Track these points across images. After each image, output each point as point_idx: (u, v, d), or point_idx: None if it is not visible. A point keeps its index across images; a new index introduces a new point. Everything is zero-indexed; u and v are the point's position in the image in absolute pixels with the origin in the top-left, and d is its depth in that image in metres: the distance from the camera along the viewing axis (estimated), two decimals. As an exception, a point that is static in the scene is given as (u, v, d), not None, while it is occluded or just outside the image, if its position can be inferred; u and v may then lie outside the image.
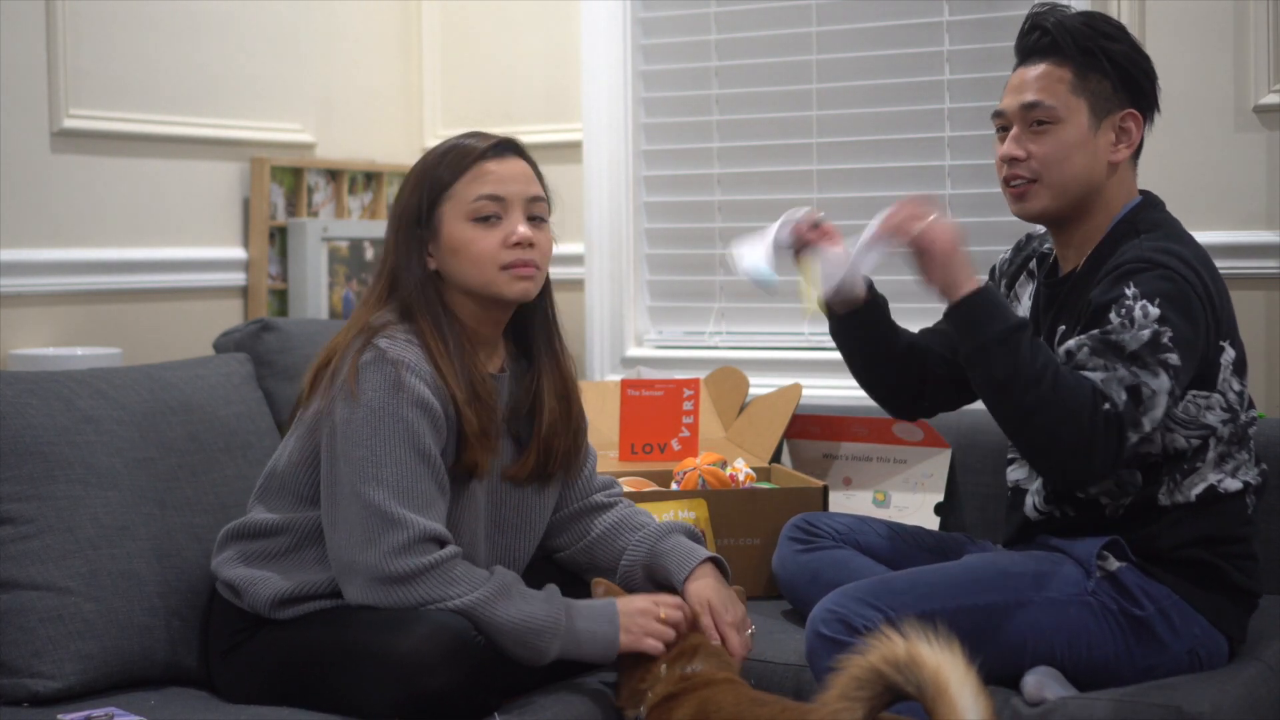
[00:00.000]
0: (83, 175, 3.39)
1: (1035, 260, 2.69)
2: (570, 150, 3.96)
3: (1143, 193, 2.58)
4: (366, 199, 4.08)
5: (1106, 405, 2.27)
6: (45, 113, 3.30)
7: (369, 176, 4.09)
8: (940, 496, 3.18)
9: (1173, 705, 2.24)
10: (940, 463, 3.20)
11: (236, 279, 3.75)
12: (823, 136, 3.74)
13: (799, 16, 3.75)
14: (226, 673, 2.44)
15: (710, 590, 2.42)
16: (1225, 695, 2.29)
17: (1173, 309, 2.33)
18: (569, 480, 2.56)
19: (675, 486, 3.08)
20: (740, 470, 3.11)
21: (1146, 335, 2.30)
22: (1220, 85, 3.19)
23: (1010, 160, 2.53)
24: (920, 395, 2.74)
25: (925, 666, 1.74)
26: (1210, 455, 2.44)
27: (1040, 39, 2.52)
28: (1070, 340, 2.38)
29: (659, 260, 3.98)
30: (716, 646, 2.36)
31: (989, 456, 3.11)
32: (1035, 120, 2.50)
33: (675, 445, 3.29)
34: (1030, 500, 2.55)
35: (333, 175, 3.99)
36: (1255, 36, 3.16)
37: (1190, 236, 2.51)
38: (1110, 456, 2.29)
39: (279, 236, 3.82)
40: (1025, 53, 2.56)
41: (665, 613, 2.33)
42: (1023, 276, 2.70)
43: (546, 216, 2.45)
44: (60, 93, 3.31)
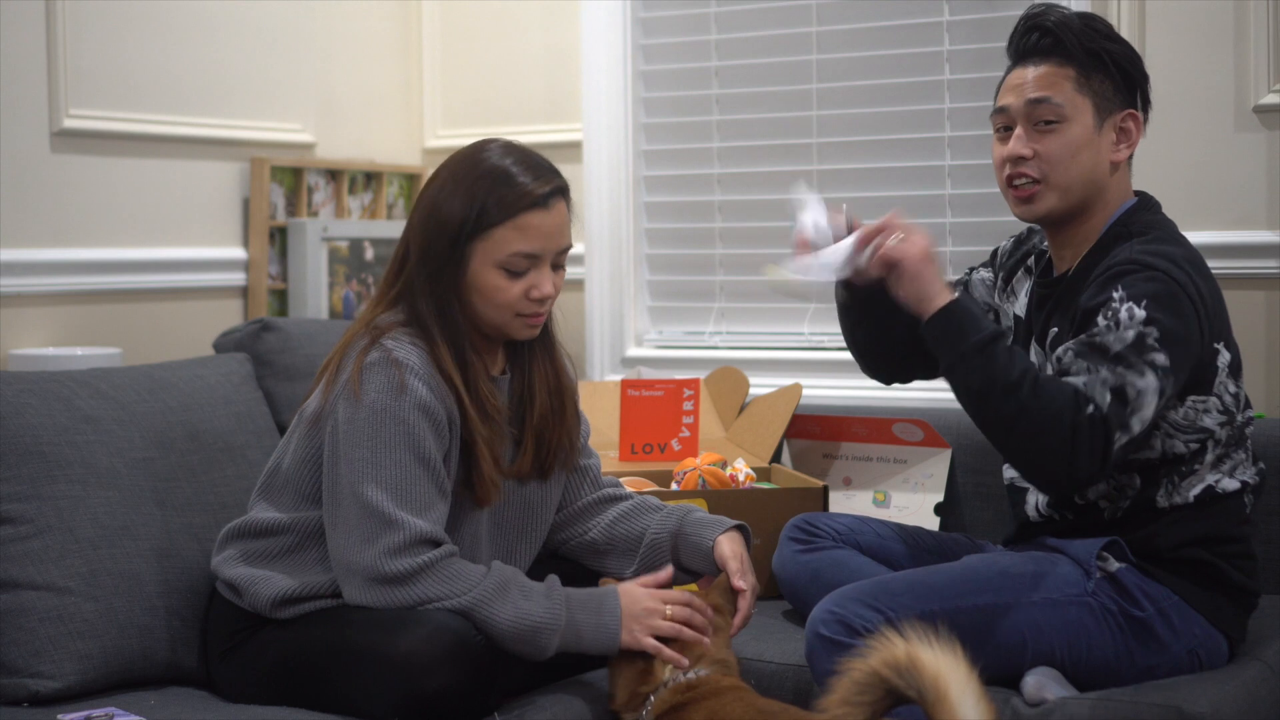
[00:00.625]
0: (83, 175, 3.39)
1: (1034, 257, 2.69)
2: (570, 150, 3.96)
3: (1138, 193, 2.58)
4: (366, 199, 4.09)
5: (1090, 408, 2.25)
6: (45, 113, 3.30)
7: (369, 176, 4.09)
8: (940, 496, 3.18)
9: (1173, 705, 2.24)
10: (940, 463, 3.20)
11: (236, 279, 3.75)
12: (823, 136, 3.74)
13: (799, 16, 3.75)
14: (226, 672, 2.44)
15: (740, 547, 2.46)
16: (1225, 695, 2.29)
17: (1160, 309, 2.32)
18: (570, 473, 2.57)
19: (675, 486, 3.08)
20: (740, 470, 3.11)
21: (1131, 336, 2.29)
22: (1220, 85, 3.19)
23: (1015, 160, 2.51)
24: (902, 361, 2.73)
25: (925, 671, 1.74)
26: (1208, 458, 2.44)
27: (1041, 40, 2.51)
28: (1060, 349, 2.37)
29: (659, 260, 3.98)
30: (723, 654, 2.34)
31: (989, 456, 3.11)
32: (1041, 118, 2.49)
33: (675, 445, 3.29)
34: (1032, 500, 2.55)
35: (333, 175, 3.99)
36: (1255, 36, 3.15)
37: (1184, 238, 2.50)
38: (1095, 460, 2.27)
39: (279, 236, 3.82)
40: (1023, 54, 2.55)
41: (672, 611, 2.30)
42: (1020, 272, 2.70)
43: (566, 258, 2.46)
44: (60, 93, 3.30)
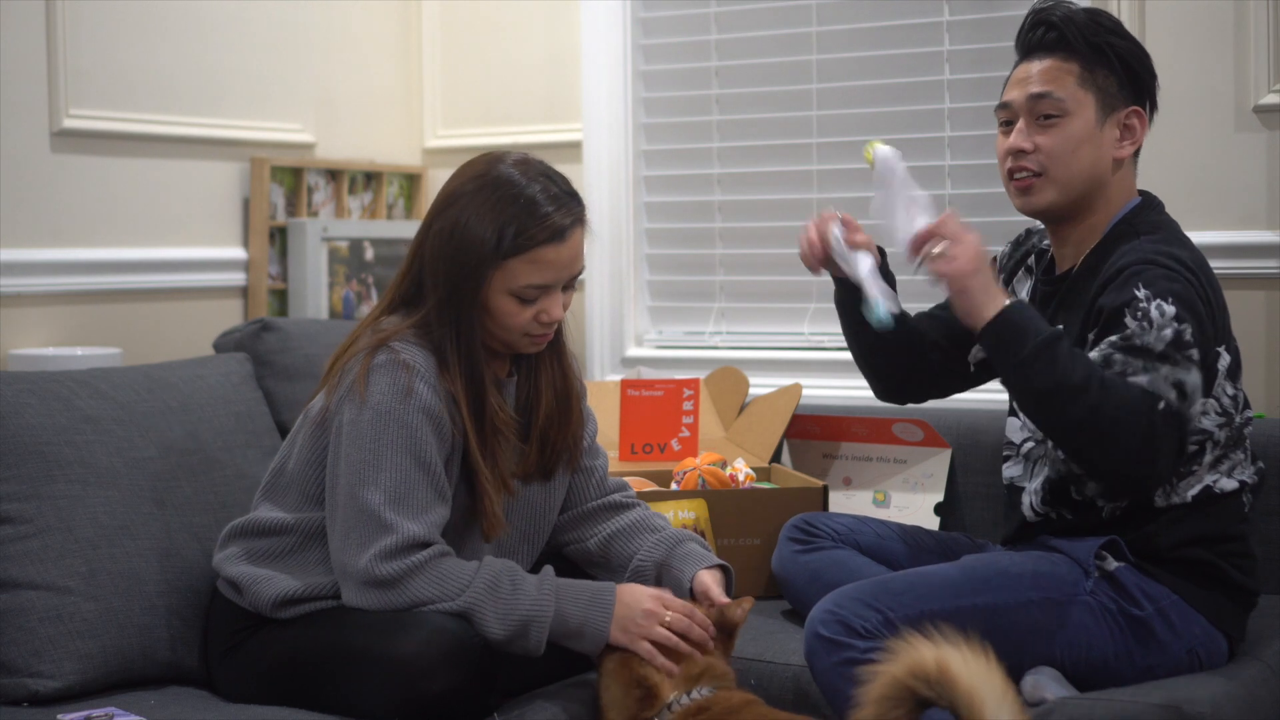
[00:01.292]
0: (83, 175, 3.39)
1: (1034, 256, 2.69)
2: (570, 150, 3.95)
3: (1142, 193, 2.58)
4: (366, 199, 4.09)
5: (1162, 404, 2.24)
6: (45, 113, 3.30)
7: (369, 176, 4.09)
8: (940, 496, 3.18)
9: (1173, 705, 2.23)
10: (940, 463, 3.20)
11: (236, 279, 3.75)
12: (823, 136, 3.74)
13: (799, 16, 3.75)
14: (226, 672, 2.44)
15: (714, 582, 2.42)
16: (1225, 695, 2.29)
17: (1184, 306, 2.32)
18: (575, 475, 2.56)
19: (675, 486, 3.08)
20: (740, 470, 3.10)
21: (1169, 334, 2.29)
22: (1220, 85, 3.19)
23: (1016, 153, 2.52)
24: (911, 381, 2.74)
25: (959, 682, 1.68)
26: (1206, 459, 2.43)
27: (1046, 34, 2.51)
28: (1093, 351, 2.35)
29: (659, 260, 3.98)
30: (723, 668, 2.30)
31: (989, 456, 3.11)
32: (1043, 113, 2.49)
33: (675, 445, 3.29)
34: (1027, 500, 2.55)
35: (333, 175, 3.99)
36: (1255, 36, 3.15)
37: (1189, 240, 2.50)
38: (1173, 455, 2.27)
39: (279, 236, 3.82)
40: (1029, 49, 2.55)
41: (671, 618, 2.27)
42: (1021, 273, 2.70)
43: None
44: (60, 93, 3.30)
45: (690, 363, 3.82)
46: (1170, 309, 2.30)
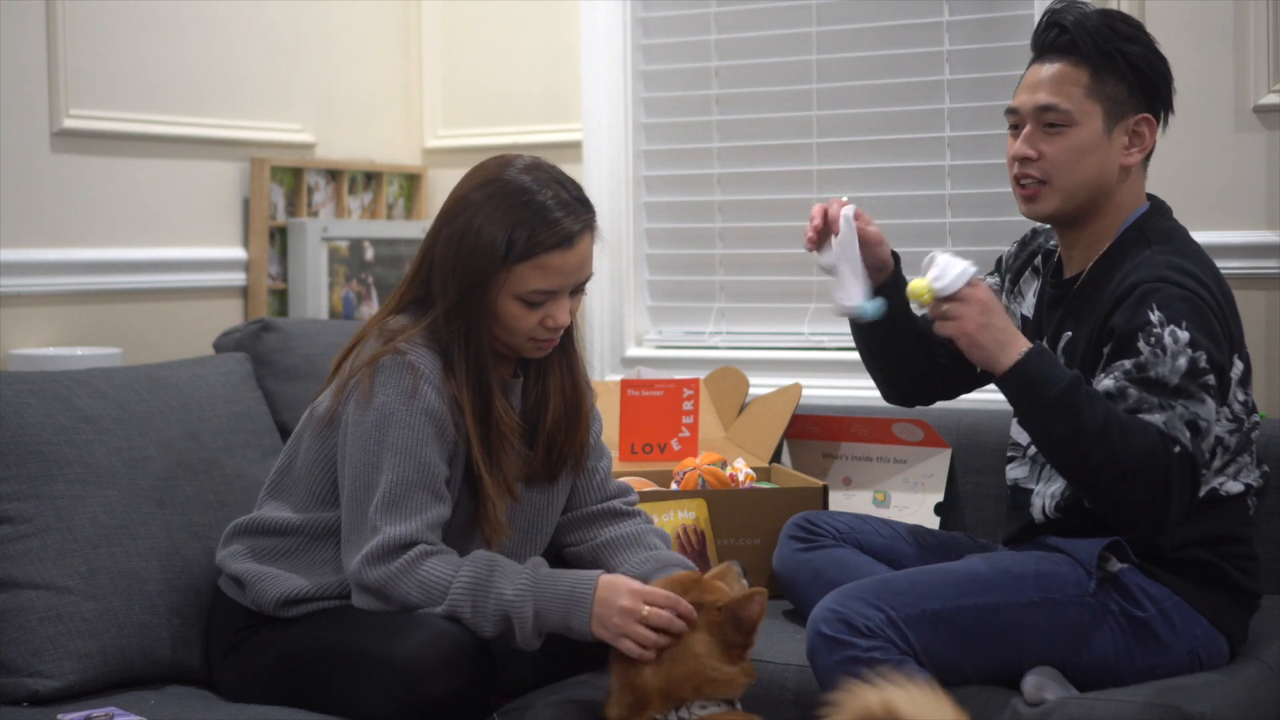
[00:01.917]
0: (83, 175, 3.39)
1: (1040, 257, 2.68)
2: (570, 150, 3.95)
3: (1150, 197, 2.57)
4: (366, 199, 4.08)
5: (1177, 448, 2.24)
6: (45, 113, 3.30)
7: (369, 176, 4.08)
8: (940, 496, 3.18)
9: (1173, 705, 2.23)
10: (940, 463, 3.20)
11: (236, 279, 3.74)
12: (823, 136, 3.74)
13: (799, 16, 3.75)
14: (228, 671, 2.44)
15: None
16: (1225, 695, 2.29)
17: (1199, 329, 2.31)
18: (578, 478, 2.56)
19: (675, 486, 3.08)
20: (740, 470, 3.10)
21: (1184, 364, 2.28)
22: (1220, 85, 3.19)
23: (1021, 160, 2.51)
24: (919, 384, 2.74)
25: (904, 718, 1.65)
26: (1215, 464, 2.43)
27: (1058, 37, 2.49)
28: (1107, 380, 2.33)
29: (659, 260, 3.98)
30: (726, 674, 2.23)
31: (989, 456, 3.11)
32: (1048, 121, 2.48)
33: (675, 445, 3.29)
34: (1039, 504, 2.53)
35: (333, 175, 3.99)
36: (1255, 36, 3.15)
37: (1199, 247, 2.49)
38: (1187, 497, 2.27)
39: (279, 236, 3.82)
40: (1041, 49, 2.53)
41: (649, 611, 2.21)
42: (1027, 273, 2.69)
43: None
44: (60, 93, 3.30)
45: (690, 363, 3.82)
46: (1184, 335, 2.29)
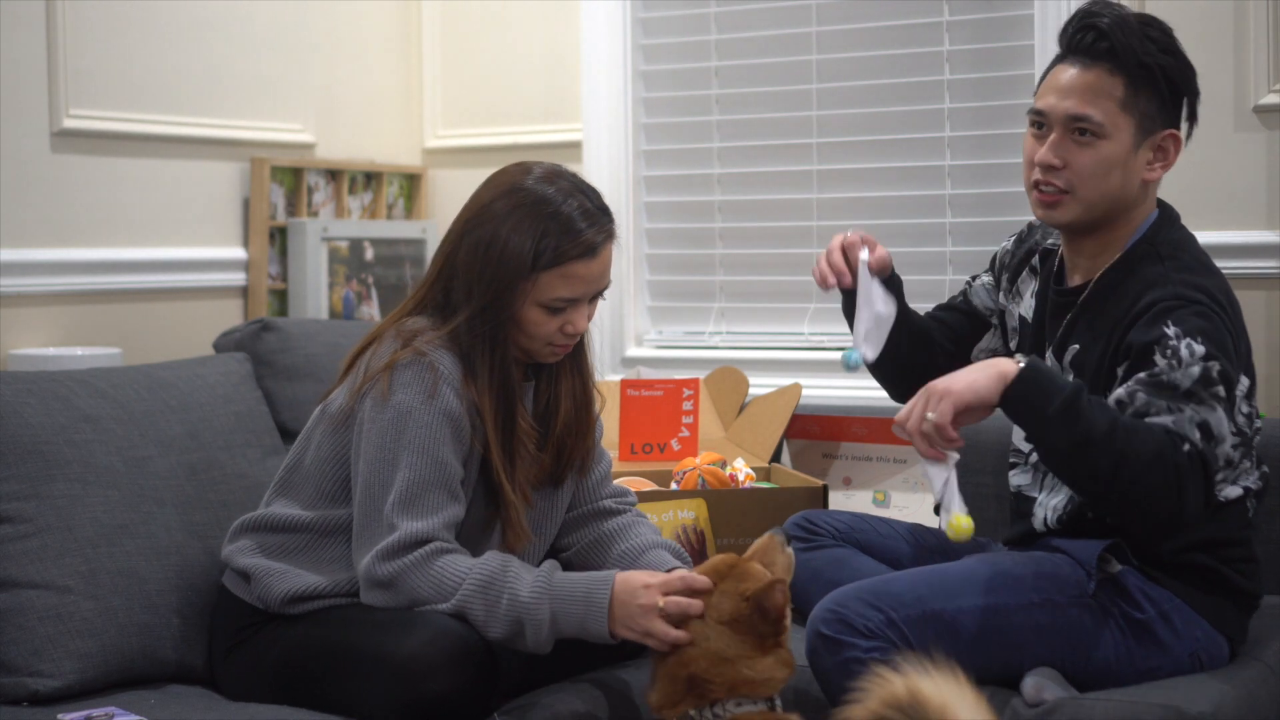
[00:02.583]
0: (83, 175, 3.39)
1: (1039, 256, 2.66)
2: (570, 150, 3.96)
3: (1159, 204, 2.54)
4: (366, 199, 4.09)
5: (1186, 446, 2.22)
6: (45, 113, 3.30)
7: (369, 176, 4.09)
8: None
9: (1172, 705, 2.23)
10: (940, 462, 3.19)
11: (236, 279, 3.75)
12: (823, 136, 3.74)
13: (799, 16, 3.75)
14: (230, 669, 2.44)
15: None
16: (1225, 695, 2.29)
17: (1214, 344, 2.29)
18: (580, 481, 2.56)
19: (675, 486, 3.08)
20: (740, 470, 3.10)
21: (1197, 372, 2.26)
22: (1220, 85, 3.19)
23: (1045, 167, 2.45)
24: (921, 382, 2.73)
25: (930, 704, 1.68)
26: (1219, 476, 2.41)
27: (1096, 42, 2.41)
28: (1119, 389, 2.32)
29: (659, 260, 3.98)
30: (763, 673, 2.18)
31: (989, 456, 3.11)
32: (1079, 130, 2.42)
33: (675, 445, 3.29)
34: (1041, 515, 2.53)
35: (333, 175, 3.99)
36: (1255, 36, 3.15)
37: (1208, 259, 2.48)
38: (1201, 496, 2.24)
39: (279, 236, 3.82)
40: (1073, 51, 2.45)
41: (665, 603, 2.19)
42: (1025, 272, 2.67)
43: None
44: (60, 93, 3.31)
45: (690, 363, 3.82)
46: (1200, 348, 2.28)
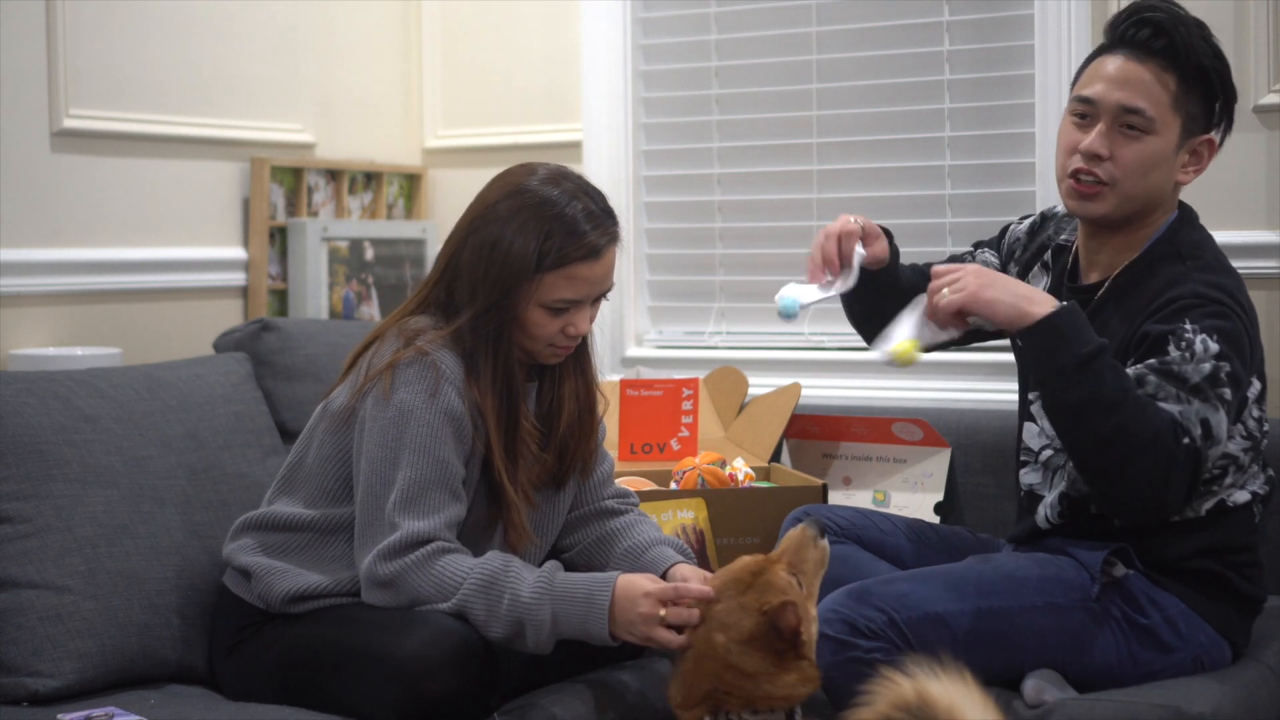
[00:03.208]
0: (83, 175, 3.39)
1: (1051, 252, 2.65)
2: (570, 150, 3.96)
3: (1179, 204, 2.54)
4: (366, 199, 4.09)
5: (1186, 440, 2.23)
6: (45, 113, 3.30)
7: (369, 176, 4.09)
8: (940, 496, 3.18)
9: (1172, 705, 2.23)
10: (940, 462, 3.19)
11: (236, 279, 3.75)
12: (823, 136, 3.74)
13: (799, 16, 3.75)
14: (230, 669, 2.44)
15: (691, 571, 2.39)
16: (1225, 696, 2.29)
17: (1229, 345, 2.30)
18: (582, 483, 2.56)
19: (674, 486, 3.08)
20: (739, 470, 3.10)
21: (1207, 369, 2.27)
22: (1220, 85, 3.19)
23: (1090, 156, 2.43)
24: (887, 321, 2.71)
25: (938, 706, 1.69)
26: (1228, 480, 2.43)
27: (1152, 38, 2.40)
28: (1130, 369, 2.32)
29: (659, 260, 3.98)
30: (780, 688, 2.14)
31: (989, 456, 3.11)
32: (1129, 124, 2.41)
33: (674, 445, 3.29)
34: (1043, 512, 2.53)
35: (333, 175, 3.99)
36: (1255, 36, 3.15)
37: (1226, 259, 2.48)
38: (1185, 491, 2.26)
39: (279, 236, 3.82)
40: (1125, 44, 2.43)
41: (665, 613, 2.21)
42: (1036, 268, 2.66)
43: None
44: (60, 93, 3.30)
45: (690, 363, 3.82)
46: (1215, 346, 2.28)
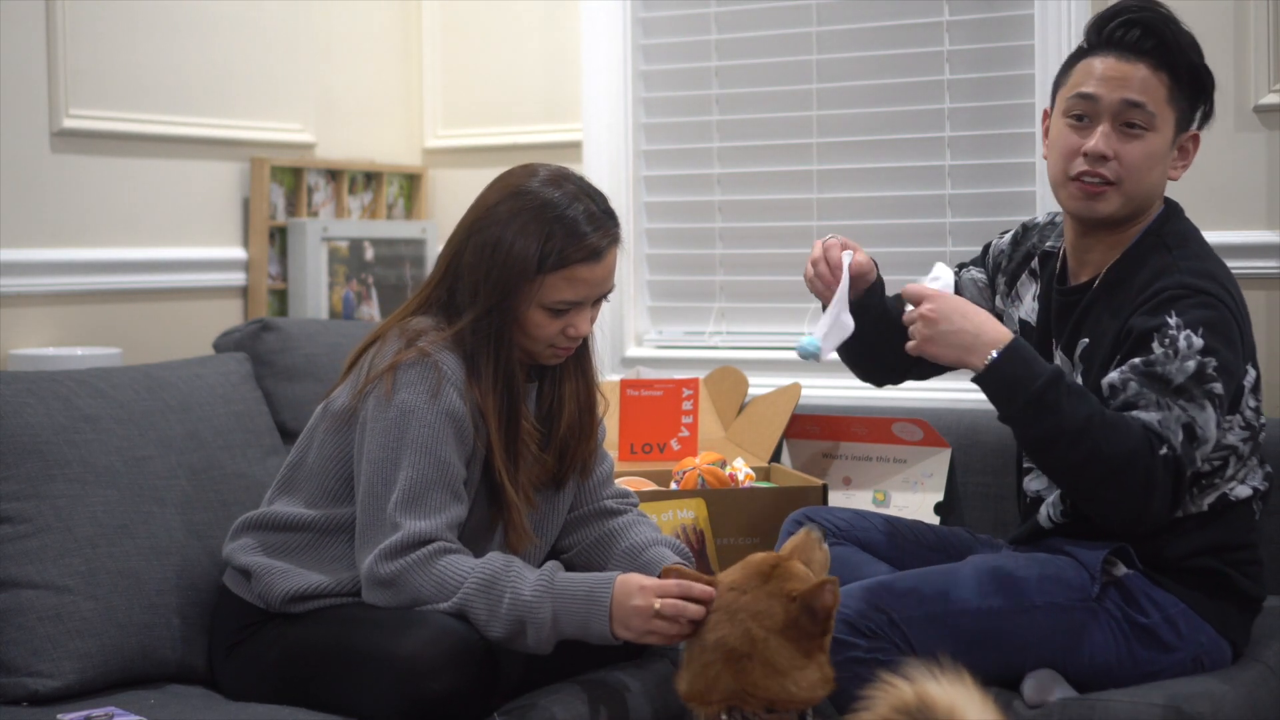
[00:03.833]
0: (83, 175, 3.39)
1: (1038, 259, 2.65)
2: (570, 150, 3.96)
3: (1164, 199, 2.55)
4: (366, 199, 4.09)
5: (1164, 450, 2.23)
6: (45, 113, 3.30)
7: (369, 176, 4.09)
8: (940, 496, 3.18)
9: (1173, 705, 2.24)
10: (940, 462, 3.19)
11: (236, 279, 3.75)
12: (823, 136, 3.74)
13: (799, 16, 3.74)
14: (230, 669, 2.44)
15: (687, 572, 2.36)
16: (1225, 695, 2.29)
17: (1216, 337, 2.30)
18: (582, 483, 2.56)
19: (675, 486, 3.08)
20: (740, 470, 3.10)
21: (1192, 366, 2.27)
22: (1220, 85, 3.16)
23: (1095, 157, 2.43)
24: (893, 365, 2.72)
25: (938, 707, 1.69)
26: (1229, 472, 2.43)
27: (1142, 40, 2.42)
28: (1113, 373, 2.33)
29: (659, 260, 3.98)
30: (788, 688, 2.11)
31: (989, 456, 3.11)
32: (1130, 121, 2.42)
33: (675, 445, 3.29)
34: (1045, 512, 2.53)
35: (333, 175, 3.99)
36: (1255, 36, 3.15)
37: (1211, 249, 2.48)
38: (1168, 499, 2.27)
39: (279, 236, 3.82)
40: (1112, 45, 2.44)
41: (660, 604, 2.18)
42: (1024, 276, 2.67)
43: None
44: (60, 93, 3.30)
45: (690, 363, 3.82)
46: (1199, 341, 2.28)
